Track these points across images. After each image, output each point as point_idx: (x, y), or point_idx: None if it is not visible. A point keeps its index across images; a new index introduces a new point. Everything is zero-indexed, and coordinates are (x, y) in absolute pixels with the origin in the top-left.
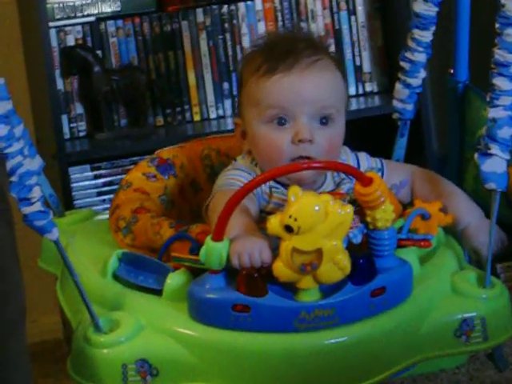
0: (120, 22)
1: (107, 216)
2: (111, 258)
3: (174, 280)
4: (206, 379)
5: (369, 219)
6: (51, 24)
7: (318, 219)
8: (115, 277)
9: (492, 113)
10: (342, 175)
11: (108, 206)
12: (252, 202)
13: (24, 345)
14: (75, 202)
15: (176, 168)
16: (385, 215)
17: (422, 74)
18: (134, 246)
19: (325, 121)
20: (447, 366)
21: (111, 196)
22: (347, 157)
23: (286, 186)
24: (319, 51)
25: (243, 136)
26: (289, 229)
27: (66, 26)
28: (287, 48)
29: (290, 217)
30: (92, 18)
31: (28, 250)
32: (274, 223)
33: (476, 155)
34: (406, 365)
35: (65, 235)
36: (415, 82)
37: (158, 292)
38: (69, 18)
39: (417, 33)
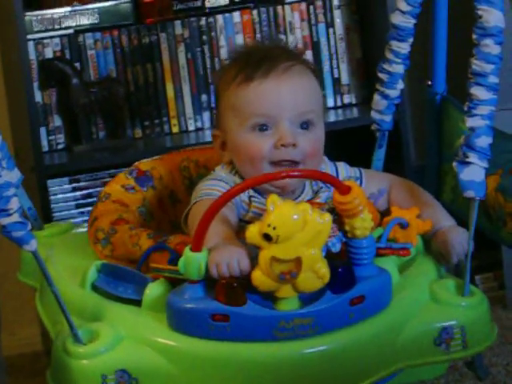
0: (98, 35)
1: (86, 229)
2: (90, 269)
3: (153, 290)
4: None
5: (347, 228)
6: (29, 36)
7: (297, 228)
8: (94, 288)
9: (470, 122)
10: (320, 183)
11: (87, 218)
12: (231, 210)
13: (1, 355)
14: (54, 215)
15: (155, 180)
16: (363, 224)
17: (400, 85)
18: (113, 257)
19: (305, 126)
20: (427, 376)
21: (90, 208)
22: (326, 166)
23: (264, 194)
24: (293, 57)
25: (222, 147)
26: (268, 237)
27: (44, 38)
28: (262, 55)
29: (269, 225)
30: (70, 31)
31: (6, 264)
32: (252, 232)
33: (454, 163)
34: (386, 373)
35: (44, 248)
36: (393, 93)
37: (137, 303)
38: (47, 30)
39: (395, 44)
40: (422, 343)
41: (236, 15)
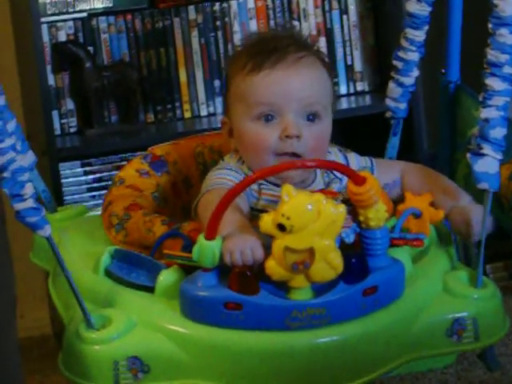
0: (112, 19)
1: (100, 212)
2: (103, 254)
3: (167, 277)
4: (197, 377)
5: (361, 218)
6: (43, 19)
7: (311, 218)
8: (107, 273)
9: (484, 113)
10: (332, 175)
11: (98, 202)
12: (243, 200)
13: (16, 337)
14: (65, 198)
15: (169, 165)
16: (377, 214)
17: (415, 72)
18: (127, 243)
19: (311, 118)
20: (436, 365)
21: (101, 192)
22: (337, 158)
23: (272, 183)
24: (304, 48)
25: (230, 134)
26: (281, 227)
27: (57, 21)
28: (272, 45)
29: (283, 215)
30: (84, 14)
31: (15, 247)
32: (266, 221)
33: (468, 155)
34: (398, 364)
35: (57, 231)
36: (408, 80)
37: (150, 289)
38: (60, 13)
39: (410, 32)
40: (434, 334)
41: (250, 1)
